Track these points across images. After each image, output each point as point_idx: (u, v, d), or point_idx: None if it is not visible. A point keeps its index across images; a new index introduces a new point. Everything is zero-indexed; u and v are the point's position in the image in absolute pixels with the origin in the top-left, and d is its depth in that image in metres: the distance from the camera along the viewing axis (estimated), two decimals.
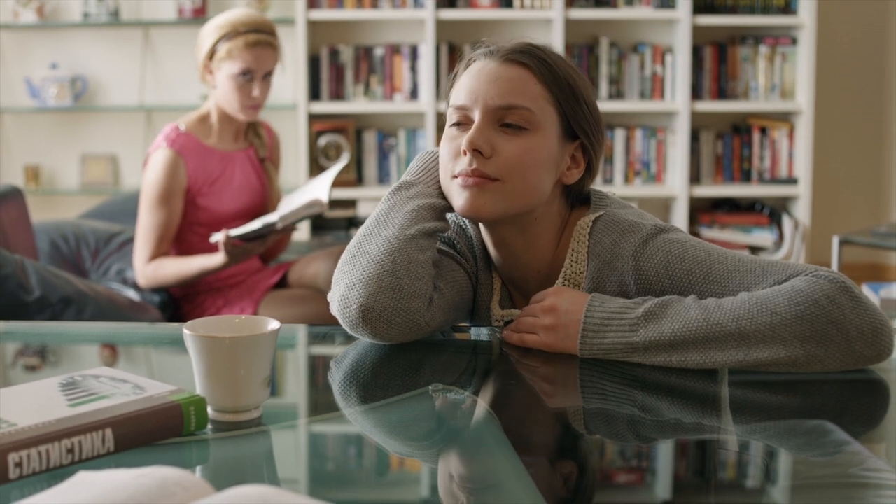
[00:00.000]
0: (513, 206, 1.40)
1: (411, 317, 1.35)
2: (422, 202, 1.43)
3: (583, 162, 1.45)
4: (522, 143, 1.39)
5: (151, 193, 2.80)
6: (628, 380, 1.28)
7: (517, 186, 1.39)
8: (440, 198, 1.45)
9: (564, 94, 1.42)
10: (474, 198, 1.39)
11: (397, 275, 1.35)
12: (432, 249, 1.41)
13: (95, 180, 4.94)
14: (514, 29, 4.82)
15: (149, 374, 1.24)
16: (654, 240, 1.37)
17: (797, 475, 1.05)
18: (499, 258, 1.49)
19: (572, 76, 1.43)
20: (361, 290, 1.34)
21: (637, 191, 4.79)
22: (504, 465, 1.03)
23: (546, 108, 1.40)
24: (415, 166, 1.50)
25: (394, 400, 1.24)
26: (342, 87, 4.80)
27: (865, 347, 1.25)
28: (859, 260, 4.91)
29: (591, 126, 1.44)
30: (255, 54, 2.84)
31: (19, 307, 2.44)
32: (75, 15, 4.85)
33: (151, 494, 0.76)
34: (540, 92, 1.40)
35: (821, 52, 4.78)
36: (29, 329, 1.81)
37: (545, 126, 1.40)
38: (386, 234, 1.39)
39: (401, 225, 1.40)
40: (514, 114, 1.39)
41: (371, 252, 1.37)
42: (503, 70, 1.41)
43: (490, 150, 1.38)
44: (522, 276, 1.49)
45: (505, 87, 1.39)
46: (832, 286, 1.26)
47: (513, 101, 1.39)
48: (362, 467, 1.09)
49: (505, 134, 1.39)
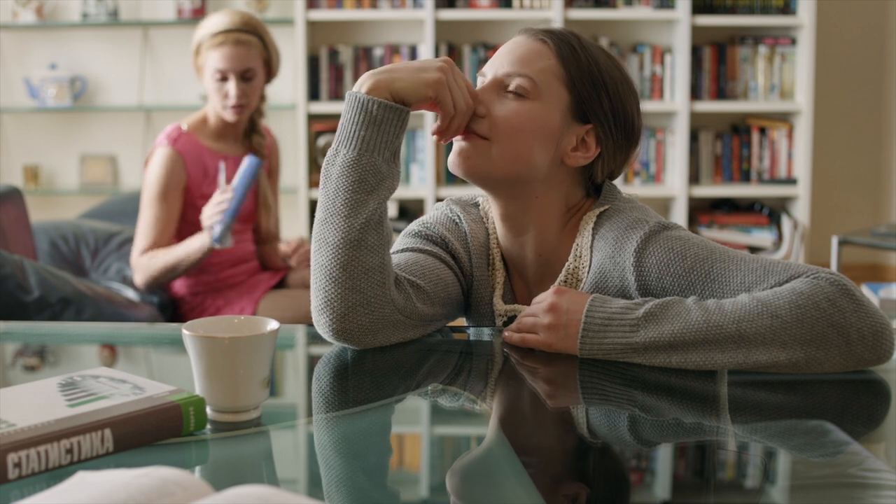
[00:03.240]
0: (496, 167, 1.41)
1: (388, 321, 1.35)
2: (354, 176, 1.34)
3: (594, 148, 1.45)
4: (516, 107, 1.41)
5: (151, 190, 2.81)
6: (628, 380, 1.28)
7: (503, 148, 1.41)
8: (375, 153, 1.35)
9: (582, 76, 1.43)
10: (461, 152, 1.42)
11: (359, 290, 1.32)
12: (384, 239, 1.35)
13: (95, 180, 4.93)
14: (513, 29, 4.81)
15: (148, 375, 1.24)
16: (657, 236, 1.37)
17: (796, 475, 1.05)
18: (504, 233, 1.49)
19: (601, 65, 1.44)
20: (330, 315, 1.33)
21: (636, 191, 4.79)
22: (503, 465, 1.03)
23: (553, 83, 1.42)
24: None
25: (393, 400, 1.24)
26: (341, 88, 4.79)
27: (866, 351, 1.25)
28: (858, 260, 4.91)
29: (609, 114, 1.44)
30: (223, 53, 2.82)
31: (19, 307, 2.44)
32: (74, 15, 4.85)
33: (151, 494, 0.76)
34: (551, 67, 1.42)
35: (820, 53, 4.78)
36: (28, 329, 1.81)
37: (547, 98, 1.42)
38: (332, 242, 1.33)
39: (342, 227, 1.33)
40: (516, 80, 1.42)
41: (325, 267, 1.33)
42: (523, 42, 1.45)
43: (484, 111, 1.41)
44: (524, 256, 1.49)
45: (516, 57, 1.43)
46: (833, 288, 1.25)
47: (518, 69, 1.42)
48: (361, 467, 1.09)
49: (504, 99, 1.42)
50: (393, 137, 1.36)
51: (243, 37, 2.83)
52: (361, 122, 1.35)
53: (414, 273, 1.42)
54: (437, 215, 1.53)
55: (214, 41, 2.83)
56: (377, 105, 1.34)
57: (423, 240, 1.50)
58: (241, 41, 2.83)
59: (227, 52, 2.82)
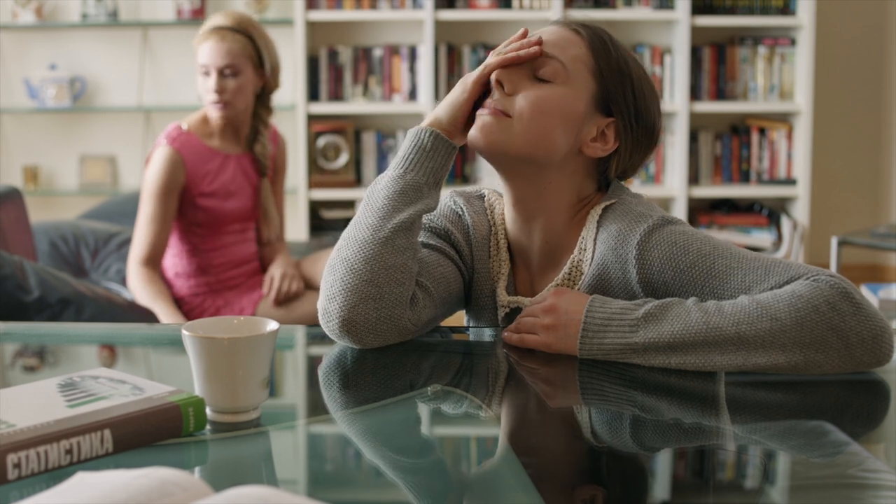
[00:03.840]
0: (515, 145, 1.41)
1: (395, 322, 1.35)
2: (396, 187, 1.41)
3: (612, 142, 1.46)
4: (543, 90, 1.42)
5: (150, 188, 2.82)
6: (628, 381, 1.28)
7: (525, 127, 1.41)
8: (420, 174, 1.43)
9: (610, 69, 1.44)
10: (483, 125, 1.42)
11: (376, 283, 1.34)
12: (412, 245, 1.39)
13: (94, 181, 4.93)
14: (512, 30, 4.81)
15: (147, 375, 1.24)
16: (661, 230, 1.37)
17: (796, 476, 1.05)
18: (512, 218, 1.50)
19: (625, 58, 1.46)
20: (341, 302, 1.34)
21: (636, 191, 4.78)
22: (503, 466, 1.03)
23: (581, 72, 1.43)
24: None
25: (392, 401, 1.24)
26: (341, 88, 4.80)
27: (865, 354, 1.25)
28: (858, 261, 4.91)
29: (632, 110, 1.45)
30: (205, 48, 2.84)
31: (18, 308, 2.44)
32: (74, 15, 4.85)
33: (150, 495, 0.76)
34: (582, 56, 1.44)
35: (819, 53, 4.78)
36: (28, 330, 1.81)
37: (574, 85, 1.43)
38: (361, 238, 1.37)
39: (374, 226, 1.38)
40: (545, 64, 1.43)
41: (348, 260, 1.36)
42: (557, 30, 1.47)
43: (512, 89, 1.42)
44: (531, 243, 1.49)
45: (549, 42, 1.44)
46: (833, 291, 1.25)
47: (549, 52, 1.43)
48: (361, 468, 1.09)
49: (532, 80, 1.43)
50: (439, 166, 1.44)
51: (228, 34, 2.83)
52: (412, 148, 1.44)
53: (419, 272, 1.42)
54: (440, 207, 1.54)
55: (202, 36, 2.86)
56: (428, 134, 1.43)
57: (427, 232, 1.50)
58: (225, 37, 2.83)
59: (208, 47, 2.83)
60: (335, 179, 4.75)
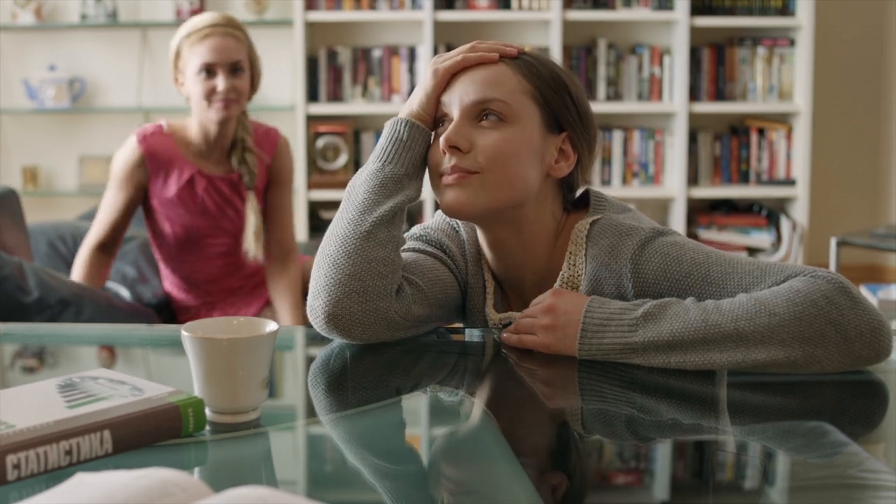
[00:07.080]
0: (495, 198, 1.40)
1: (382, 315, 1.36)
2: (376, 181, 1.41)
3: (572, 155, 1.46)
4: (500, 134, 1.40)
5: (111, 176, 2.78)
6: (627, 382, 1.28)
7: (498, 177, 1.39)
8: (398, 165, 1.42)
9: (545, 84, 1.43)
10: (456, 194, 1.40)
11: (359, 278, 1.35)
12: (394, 238, 1.39)
13: (94, 181, 4.93)
14: (512, 30, 4.82)
15: (147, 376, 1.24)
16: (653, 243, 1.37)
17: (795, 476, 1.05)
18: (494, 259, 1.49)
19: (554, 69, 1.45)
20: (326, 298, 1.35)
21: (635, 192, 4.79)
22: (502, 466, 1.03)
23: (524, 101, 1.41)
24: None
25: (391, 401, 1.24)
26: (340, 89, 4.80)
27: (864, 348, 1.25)
28: (857, 261, 4.92)
29: (577, 118, 1.45)
30: (210, 45, 2.63)
31: (17, 309, 2.44)
32: (73, 16, 4.85)
33: (150, 496, 0.76)
34: (517, 85, 1.42)
35: (819, 54, 4.79)
36: (27, 330, 1.81)
37: (524, 118, 1.41)
38: (342, 234, 1.38)
39: (355, 220, 1.38)
40: (490, 107, 1.40)
41: (330, 255, 1.38)
42: (481, 68, 1.43)
43: (468, 145, 1.40)
44: (518, 277, 1.49)
45: (480, 82, 1.41)
46: (830, 286, 1.26)
47: (487, 94, 1.40)
48: (360, 468, 1.09)
49: (483, 128, 1.40)
50: (417, 155, 1.44)
51: (229, 30, 2.68)
52: (389, 140, 1.44)
53: (413, 272, 1.43)
54: (437, 221, 1.55)
55: (199, 35, 2.66)
56: (404, 125, 1.43)
57: (423, 243, 1.51)
58: (230, 33, 2.67)
59: (214, 44, 2.64)
60: (334, 180, 4.74)
